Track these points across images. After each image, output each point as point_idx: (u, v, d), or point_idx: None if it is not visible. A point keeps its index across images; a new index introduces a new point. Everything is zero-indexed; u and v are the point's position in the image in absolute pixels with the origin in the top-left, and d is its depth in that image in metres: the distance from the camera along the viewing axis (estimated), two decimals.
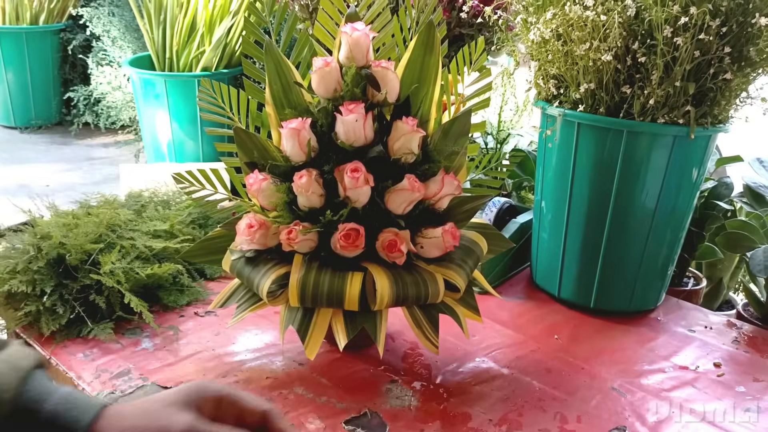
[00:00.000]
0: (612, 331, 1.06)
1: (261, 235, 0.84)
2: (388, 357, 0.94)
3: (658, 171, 1.01)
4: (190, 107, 2.09)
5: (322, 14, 0.95)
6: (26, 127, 3.43)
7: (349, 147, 0.82)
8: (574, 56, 0.99)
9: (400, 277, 0.82)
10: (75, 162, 2.95)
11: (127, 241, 1.03)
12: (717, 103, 0.97)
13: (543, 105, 1.08)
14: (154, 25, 2.16)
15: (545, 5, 1.03)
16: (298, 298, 0.81)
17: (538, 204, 1.17)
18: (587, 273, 1.10)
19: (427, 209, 0.86)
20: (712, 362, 0.98)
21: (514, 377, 0.91)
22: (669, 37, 0.91)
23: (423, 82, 0.88)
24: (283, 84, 0.88)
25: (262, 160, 0.86)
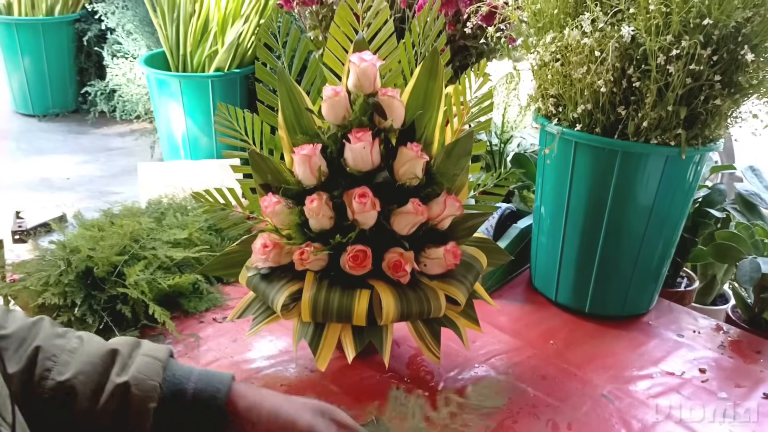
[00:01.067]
0: (605, 335, 1.13)
1: (275, 254, 0.90)
2: (394, 363, 1.01)
3: (651, 187, 1.07)
4: (204, 105, 2.15)
5: (331, 41, 1.00)
6: (44, 115, 3.51)
7: (357, 172, 0.88)
8: (572, 78, 1.04)
9: (405, 294, 0.89)
10: (93, 153, 3.03)
11: (149, 251, 1.10)
12: (707, 126, 1.02)
13: (543, 121, 1.13)
14: (168, 23, 2.22)
15: (545, 28, 1.08)
16: (310, 314, 0.88)
17: (537, 209, 1.23)
18: (583, 278, 1.16)
19: (429, 229, 0.92)
20: (697, 368, 1.04)
21: (511, 384, 0.98)
22: (662, 65, 0.96)
23: (427, 107, 0.94)
24: (295, 109, 0.94)
25: (276, 182, 0.92)
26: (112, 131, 3.30)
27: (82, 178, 2.74)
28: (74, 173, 2.80)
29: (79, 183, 2.69)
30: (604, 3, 1.01)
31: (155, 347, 0.69)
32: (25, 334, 0.66)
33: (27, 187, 2.61)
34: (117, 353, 0.66)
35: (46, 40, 3.36)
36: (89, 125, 3.36)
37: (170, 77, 2.14)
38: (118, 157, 2.99)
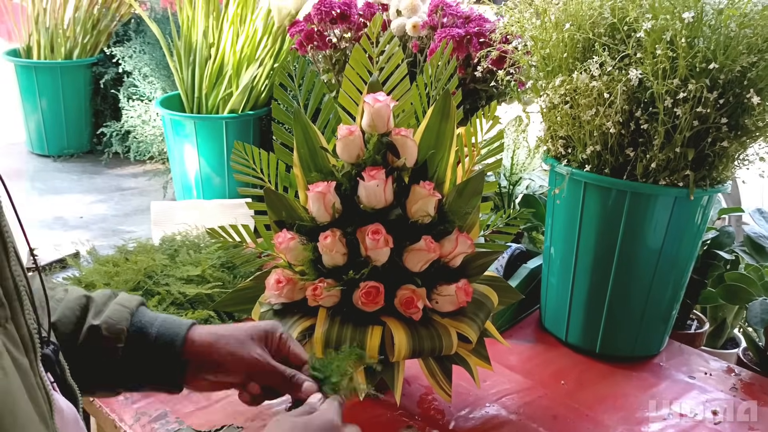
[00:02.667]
0: (616, 376, 1.12)
1: (288, 289, 0.92)
2: (405, 401, 1.01)
3: (660, 227, 1.08)
4: (218, 146, 2.19)
5: (346, 82, 1.03)
6: (59, 155, 3.56)
7: (371, 210, 0.90)
8: (581, 120, 1.06)
9: (417, 331, 0.90)
10: (106, 192, 3.07)
11: (162, 287, 1.11)
12: (715, 167, 1.03)
13: (552, 162, 1.15)
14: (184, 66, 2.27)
15: (554, 71, 1.10)
16: (322, 350, 0.89)
17: (547, 250, 1.24)
18: (593, 319, 1.17)
19: (441, 267, 0.93)
20: (710, 410, 1.04)
21: (522, 423, 0.98)
22: (669, 108, 0.98)
23: (439, 146, 0.96)
24: (310, 148, 0.96)
25: (290, 219, 0.94)
26: (126, 172, 3.35)
27: (96, 217, 2.78)
28: (88, 212, 2.84)
29: (93, 222, 2.72)
30: (612, 48, 1.04)
31: (128, 298, 0.80)
32: None
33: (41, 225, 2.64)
34: (92, 301, 0.77)
35: (64, 82, 3.44)
36: (103, 166, 3.41)
37: (185, 118, 2.19)
38: (131, 197, 3.02)
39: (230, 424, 0.94)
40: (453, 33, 1.37)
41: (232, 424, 0.94)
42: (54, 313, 0.74)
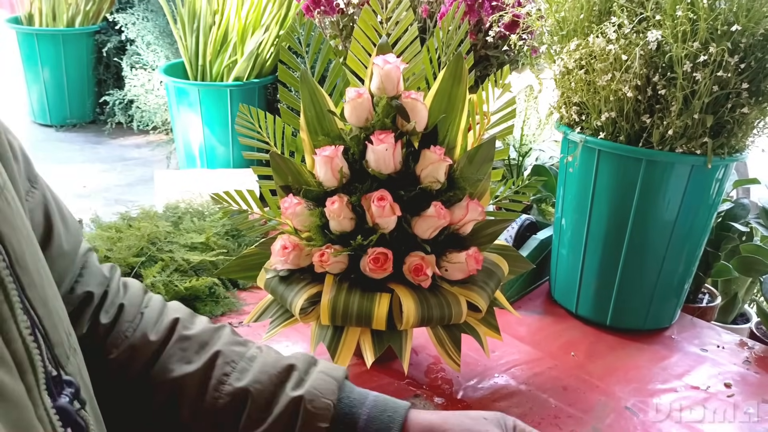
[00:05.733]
0: (627, 348, 1.10)
1: (294, 256, 0.89)
2: (412, 371, 0.99)
3: (675, 197, 1.05)
4: (223, 114, 2.16)
5: (354, 44, 1.00)
6: (62, 125, 3.53)
7: (379, 174, 0.87)
8: (596, 86, 1.03)
9: (425, 298, 0.88)
10: (110, 162, 3.04)
11: (166, 254, 1.09)
12: (734, 135, 1.00)
13: (565, 130, 1.12)
14: (188, 33, 2.23)
15: (569, 35, 1.07)
16: (329, 317, 0.87)
17: (558, 221, 1.22)
18: (604, 290, 1.14)
19: (451, 234, 0.91)
20: (722, 382, 1.02)
21: (532, 394, 0.96)
22: (689, 72, 0.95)
23: (450, 111, 0.93)
24: (317, 111, 0.93)
25: (297, 184, 0.91)
26: (129, 142, 3.32)
27: (99, 187, 2.76)
28: (91, 182, 2.82)
29: (96, 192, 2.70)
30: (630, 10, 1.00)
31: (332, 366, 0.67)
32: (207, 338, 0.66)
33: None
34: (294, 368, 0.65)
35: (66, 51, 3.39)
36: (106, 136, 3.38)
37: (189, 86, 2.15)
38: (134, 166, 3.00)
39: None
40: None
41: None
42: (244, 376, 0.63)
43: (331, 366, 0.67)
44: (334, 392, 0.63)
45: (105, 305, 0.66)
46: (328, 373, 0.65)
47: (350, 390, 0.65)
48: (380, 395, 0.65)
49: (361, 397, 0.64)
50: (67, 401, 0.44)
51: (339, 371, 0.66)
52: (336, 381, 0.64)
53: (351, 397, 0.64)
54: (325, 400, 0.62)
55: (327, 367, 0.66)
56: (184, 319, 0.67)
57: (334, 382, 0.64)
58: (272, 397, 0.62)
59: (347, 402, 0.63)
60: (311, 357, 0.68)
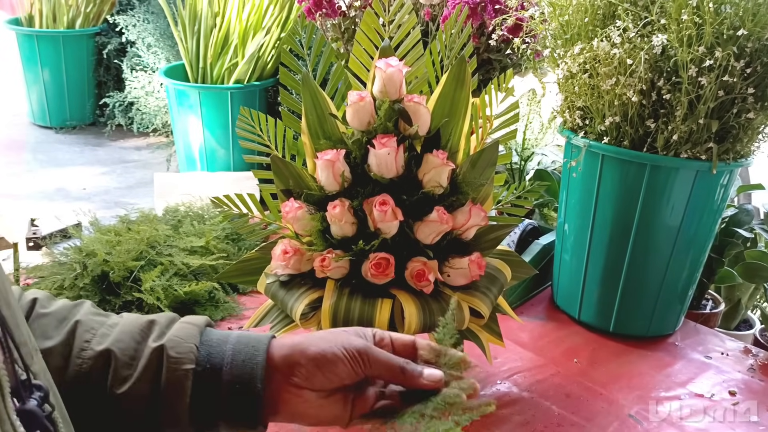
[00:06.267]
0: (630, 355, 1.09)
1: (295, 260, 0.88)
2: None
3: (679, 202, 1.04)
4: (223, 117, 2.15)
5: (357, 47, 0.99)
6: (61, 127, 3.52)
7: (381, 179, 0.86)
8: (600, 90, 1.02)
9: (427, 304, 0.86)
10: (109, 165, 3.03)
11: (165, 258, 1.08)
12: (739, 140, 0.99)
13: (568, 134, 1.11)
14: (188, 36, 2.23)
15: (573, 39, 1.06)
16: (330, 323, 0.85)
17: (561, 226, 1.21)
18: (608, 297, 1.13)
19: (454, 239, 0.90)
20: (727, 390, 1.01)
21: (535, 401, 0.95)
22: (694, 77, 0.94)
23: (453, 115, 0.92)
24: (319, 115, 0.92)
25: (298, 188, 0.90)
26: (129, 144, 3.31)
27: (98, 189, 2.75)
28: (90, 184, 2.81)
29: (95, 194, 2.70)
30: (634, 14, 0.99)
31: (193, 317, 0.68)
32: (66, 313, 0.65)
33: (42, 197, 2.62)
34: (154, 322, 0.66)
35: (66, 52, 3.39)
36: (106, 138, 3.38)
37: (189, 88, 2.15)
38: (134, 169, 2.99)
39: None
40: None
41: None
42: (105, 340, 0.63)
43: (193, 317, 0.68)
44: (196, 336, 0.64)
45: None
46: (189, 322, 0.66)
47: (212, 332, 0.66)
48: (243, 332, 0.67)
49: (223, 336, 0.65)
50: (35, 404, 0.44)
51: (200, 319, 0.67)
52: (197, 327, 0.65)
53: (213, 338, 0.65)
54: (186, 344, 0.62)
55: (189, 318, 0.67)
56: (42, 300, 0.67)
57: (195, 328, 0.65)
58: (135, 353, 0.62)
59: (210, 343, 0.64)
60: (174, 315, 0.68)
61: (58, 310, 0.65)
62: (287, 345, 0.64)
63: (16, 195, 2.68)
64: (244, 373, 0.62)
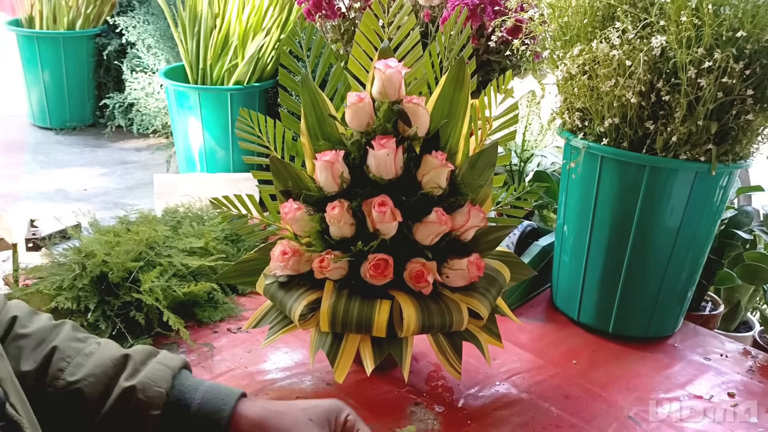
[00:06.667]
0: (629, 356, 1.09)
1: (294, 261, 0.88)
2: (412, 378, 0.98)
3: (679, 204, 1.04)
4: (223, 118, 2.15)
5: (356, 48, 0.99)
6: (61, 128, 3.52)
7: (380, 180, 0.86)
8: (599, 92, 1.02)
9: (426, 305, 0.86)
10: (109, 166, 3.03)
11: (164, 258, 1.08)
12: (738, 142, 0.99)
13: (568, 136, 1.11)
14: (188, 37, 2.23)
15: (572, 41, 1.06)
16: (328, 324, 0.86)
17: (560, 227, 1.21)
18: (607, 298, 1.13)
19: (453, 240, 0.90)
20: (726, 392, 1.01)
21: (533, 402, 0.95)
22: (693, 78, 0.94)
23: (452, 116, 0.92)
24: (318, 116, 0.92)
25: (297, 189, 0.90)
26: (129, 145, 3.32)
27: (98, 190, 2.75)
28: (90, 185, 2.81)
29: (95, 195, 2.70)
30: (633, 16, 0.99)
31: (170, 357, 0.69)
32: (45, 335, 0.66)
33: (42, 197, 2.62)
34: (129, 358, 0.67)
35: (67, 54, 3.39)
36: (106, 139, 3.38)
37: (189, 89, 2.15)
38: (134, 170, 2.99)
39: None
40: (467, 1, 1.33)
41: None
42: (79, 371, 0.64)
43: (169, 356, 0.68)
44: (168, 380, 0.65)
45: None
46: (164, 363, 0.67)
47: (185, 378, 0.67)
48: (215, 383, 0.68)
49: (195, 384, 0.67)
50: None
51: (176, 361, 0.68)
52: (171, 370, 0.66)
53: (185, 384, 0.66)
54: (157, 388, 0.64)
55: (165, 357, 0.68)
56: (23, 318, 0.68)
57: (169, 371, 0.66)
58: (106, 389, 0.63)
59: (181, 389, 0.65)
60: (152, 349, 0.69)
61: (37, 332, 0.66)
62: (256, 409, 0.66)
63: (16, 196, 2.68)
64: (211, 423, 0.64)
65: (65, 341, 0.66)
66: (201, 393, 0.66)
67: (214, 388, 0.67)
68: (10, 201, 2.63)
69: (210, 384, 0.67)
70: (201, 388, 0.66)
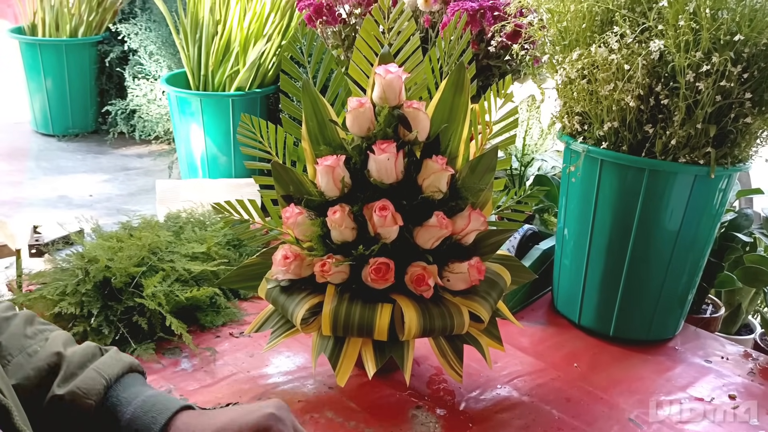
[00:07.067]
0: (630, 359, 1.10)
1: (296, 265, 0.89)
2: (414, 382, 0.98)
3: (678, 207, 1.05)
4: (224, 124, 2.16)
5: (356, 54, 1.00)
6: (64, 135, 3.53)
7: (381, 184, 0.87)
8: (598, 96, 1.03)
9: (427, 309, 0.87)
10: (111, 172, 3.04)
11: (167, 264, 1.09)
12: (737, 145, 1.00)
13: (567, 140, 1.11)
14: (190, 43, 2.24)
15: (571, 45, 1.07)
16: (330, 328, 0.86)
17: (560, 231, 1.21)
18: (607, 301, 1.14)
19: (453, 244, 0.90)
20: (727, 394, 1.01)
21: (535, 405, 0.95)
22: (691, 82, 0.95)
23: (452, 120, 0.93)
24: (319, 121, 0.93)
25: (298, 193, 0.91)
26: (131, 152, 3.32)
27: (101, 197, 2.76)
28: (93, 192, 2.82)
29: (98, 201, 2.70)
30: (632, 20, 1.00)
31: (111, 363, 0.65)
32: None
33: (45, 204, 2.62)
34: (63, 361, 0.63)
35: (69, 61, 3.40)
36: (108, 145, 3.39)
37: (191, 96, 2.16)
38: (136, 176, 3.00)
39: (235, 402, 0.91)
40: (466, 6, 1.33)
41: (236, 402, 0.91)
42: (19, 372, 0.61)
43: (110, 362, 0.65)
44: (100, 393, 0.62)
45: None
46: (102, 371, 0.63)
47: (123, 389, 0.63)
48: (157, 396, 0.64)
49: (130, 396, 0.63)
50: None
51: (115, 368, 0.64)
52: (105, 381, 0.62)
53: (120, 396, 0.62)
54: (87, 401, 0.61)
55: (103, 364, 0.64)
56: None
57: (103, 382, 0.62)
58: (35, 397, 0.61)
59: (114, 401, 0.62)
60: (96, 349, 0.66)
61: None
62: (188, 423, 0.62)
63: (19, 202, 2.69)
64: None
65: (11, 337, 0.64)
66: (133, 407, 0.62)
67: (149, 401, 0.63)
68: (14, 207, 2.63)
69: (147, 396, 0.63)
70: (135, 402, 0.63)
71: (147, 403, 0.63)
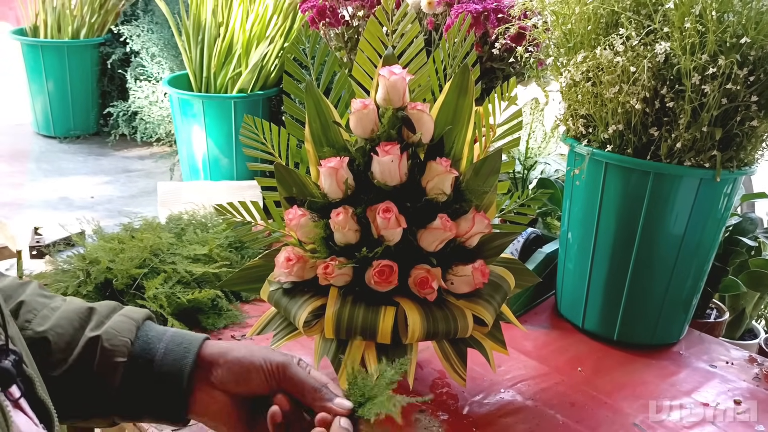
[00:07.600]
0: (635, 364, 1.09)
1: (299, 268, 0.88)
2: (417, 385, 0.98)
3: (683, 210, 1.04)
4: (226, 126, 2.15)
5: (360, 55, 0.99)
6: (65, 136, 3.53)
7: (385, 186, 0.86)
8: (603, 98, 1.02)
9: (431, 312, 0.86)
10: (113, 174, 3.03)
11: (169, 265, 1.08)
12: (743, 148, 0.99)
13: (572, 142, 1.11)
14: (192, 45, 2.23)
15: (576, 48, 1.06)
16: (333, 330, 0.85)
17: (564, 234, 1.20)
18: (612, 305, 1.13)
19: (457, 246, 0.90)
20: (732, 399, 1.00)
21: (539, 410, 0.94)
22: (697, 85, 0.94)
23: (456, 122, 0.92)
24: (322, 122, 0.92)
25: (301, 195, 0.91)
26: (132, 154, 3.31)
27: (102, 198, 2.74)
28: (94, 193, 2.81)
29: (99, 203, 2.69)
30: (638, 22, 1.00)
31: (134, 310, 0.70)
32: (11, 292, 0.68)
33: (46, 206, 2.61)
34: (94, 311, 0.68)
35: (71, 63, 3.39)
36: (110, 147, 3.38)
37: (193, 97, 2.15)
38: (137, 178, 2.99)
39: None
40: (470, 8, 1.33)
41: None
42: (46, 322, 0.66)
43: (133, 309, 0.70)
44: (132, 331, 0.67)
45: None
46: (128, 315, 0.68)
47: (150, 329, 0.68)
48: (179, 331, 0.69)
49: (159, 333, 0.68)
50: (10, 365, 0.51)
51: (140, 313, 0.70)
52: (134, 321, 0.68)
53: (150, 334, 0.67)
54: (122, 338, 0.65)
55: (128, 311, 0.70)
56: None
57: (133, 323, 0.67)
58: (72, 339, 0.65)
59: (145, 339, 0.67)
60: (116, 304, 0.71)
61: (3, 289, 0.68)
62: (215, 347, 0.67)
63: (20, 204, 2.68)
64: (174, 370, 0.65)
65: (32, 296, 0.68)
66: (165, 342, 0.67)
67: (177, 336, 0.68)
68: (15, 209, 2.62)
69: (174, 332, 0.69)
70: (164, 338, 0.68)
71: (177, 335, 0.68)
